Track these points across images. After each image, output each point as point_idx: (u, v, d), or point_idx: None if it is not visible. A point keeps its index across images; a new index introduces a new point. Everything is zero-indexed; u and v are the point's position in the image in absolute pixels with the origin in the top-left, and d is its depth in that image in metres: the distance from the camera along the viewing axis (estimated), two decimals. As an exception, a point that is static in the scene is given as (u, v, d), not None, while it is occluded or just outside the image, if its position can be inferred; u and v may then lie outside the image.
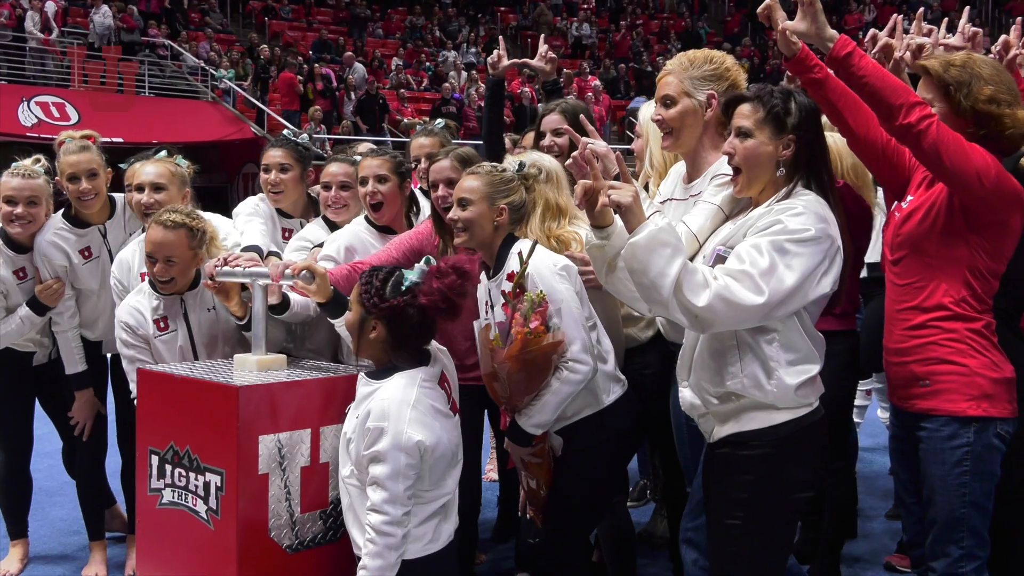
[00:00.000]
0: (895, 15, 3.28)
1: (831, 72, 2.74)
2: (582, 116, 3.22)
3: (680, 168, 3.15)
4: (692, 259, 2.62)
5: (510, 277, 2.94)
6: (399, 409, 2.68)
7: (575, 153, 2.78)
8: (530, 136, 4.30)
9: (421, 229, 3.50)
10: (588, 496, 3.10)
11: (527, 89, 19.45)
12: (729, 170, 2.67)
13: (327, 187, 3.72)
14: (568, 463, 3.05)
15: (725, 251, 2.53)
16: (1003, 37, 3.22)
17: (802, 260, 2.40)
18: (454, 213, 3.04)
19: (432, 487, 2.75)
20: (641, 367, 3.40)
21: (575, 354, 2.90)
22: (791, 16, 2.71)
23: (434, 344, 2.93)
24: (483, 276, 3.09)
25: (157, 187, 3.67)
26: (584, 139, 2.77)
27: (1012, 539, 2.92)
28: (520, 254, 2.93)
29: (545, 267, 2.94)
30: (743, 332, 2.48)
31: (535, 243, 3.01)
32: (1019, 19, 3.28)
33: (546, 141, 3.73)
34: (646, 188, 3.44)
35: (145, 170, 3.73)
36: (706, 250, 2.65)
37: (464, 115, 17.99)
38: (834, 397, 2.64)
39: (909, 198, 2.95)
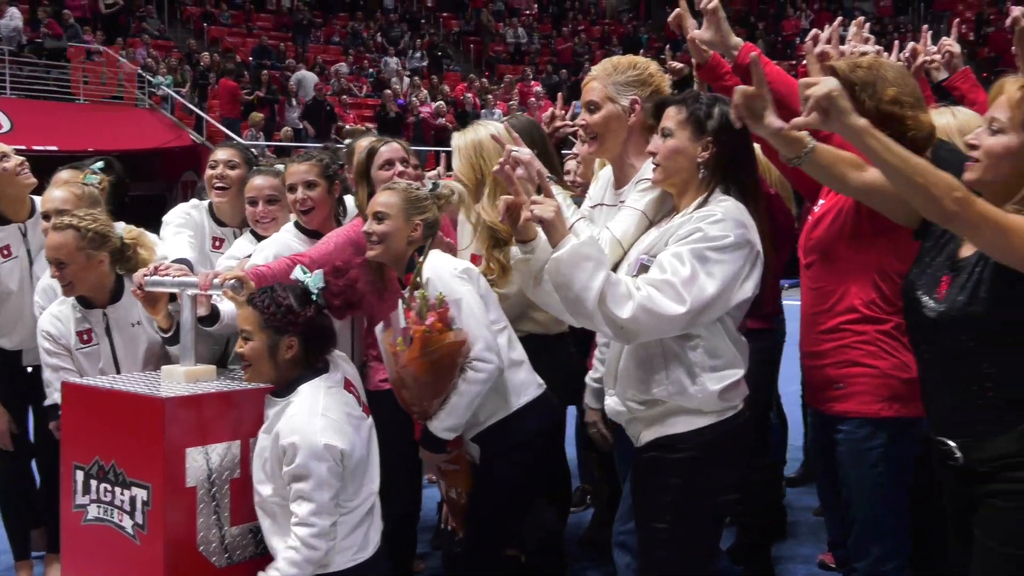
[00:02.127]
0: (836, 21, 3.34)
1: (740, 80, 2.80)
2: (504, 124, 3.24)
3: (609, 173, 3.19)
4: (617, 266, 2.67)
5: (406, 280, 2.98)
6: (309, 420, 2.73)
7: (500, 160, 2.81)
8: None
9: (356, 223, 3.49)
10: (508, 501, 3.12)
11: (469, 95, 19.49)
12: (652, 175, 2.71)
13: (253, 202, 3.69)
14: (485, 469, 3.08)
15: (648, 260, 2.57)
16: (911, 44, 3.31)
17: (723, 267, 2.45)
18: (369, 226, 3.07)
19: (354, 495, 2.78)
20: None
21: (479, 353, 2.93)
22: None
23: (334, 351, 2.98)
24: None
25: (61, 213, 3.56)
26: (508, 147, 2.79)
27: (928, 537, 2.99)
28: (415, 255, 3.00)
29: (444, 270, 3.00)
30: (668, 340, 2.52)
31: (430, 245, 3.06)
32: (925, 27, 3.38)
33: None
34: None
35: (52, 195, 3.67)
36: (630, 258, 2.69)
37: (406, 121, 17.94)
38: (753, 396, 2.70)
39: (821, 202, 3.03)
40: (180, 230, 3.69)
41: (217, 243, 3.83)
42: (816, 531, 4.56)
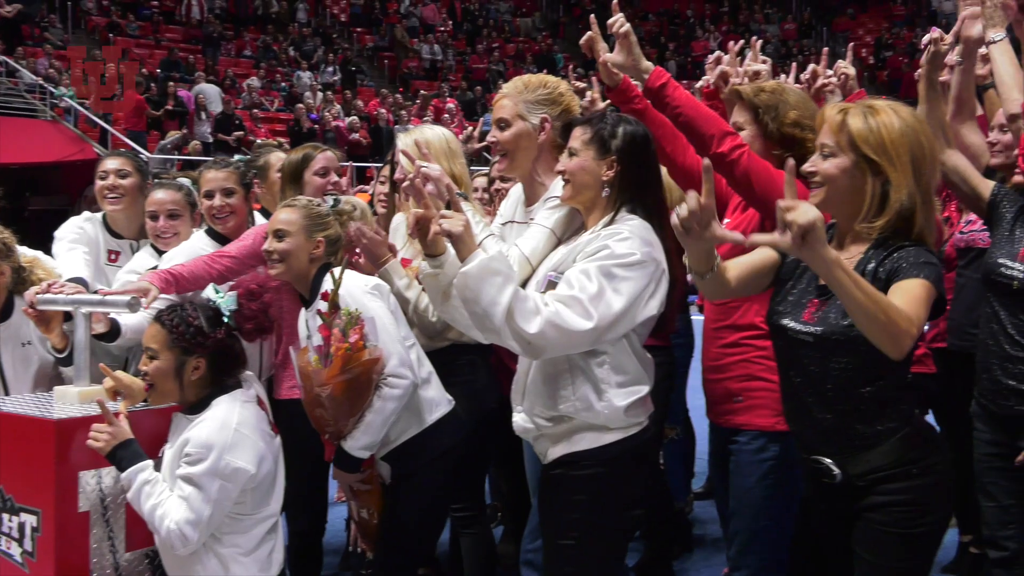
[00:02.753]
0: (737, 44, 3.41)
1: (650, 103, 2.85)
2: (416, 139, 3.23)
3: (519, 190, 3.19)
4: (525, 283, 2.67)
5: (324, 296, 2.94)
6: (221, 434, 2.68)
7: (410, 175, 2.79)
8: (388, 168, 4.27)
9: (260, 231, 3.43)
10: (420, 520, 3.09)
11: (383, 111, 19.40)
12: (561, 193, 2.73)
13: (154, 217, 3.61)
14: (397, 487, 3.05)
15: (556, 276, 2.58)
16: (811, 66, 3.41)
17: (629, 284, 2.47)
18: (269, 244, 3.03)
19: (254, 509, 2.74)
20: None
21: (393, 369, 2.92)
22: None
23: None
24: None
25: None
26: (418, 162, 2.78)
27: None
28: (332, 273, 2.95)
29: (356, 287, 2.97)
30: (575, 356, 2.53)
31: (346, 264, 3.01)
32: (825, 49, 3.48)
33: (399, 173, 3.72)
34: None
35: None
36: (538, 275, 2.69)
37: (319, 136, 17.74)
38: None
39: (726, 220, 3.09)
40: (74, 246, 3.58)
41: (113, 256, 3.73)
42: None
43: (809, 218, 1.91)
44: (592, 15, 3.14)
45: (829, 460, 2.31)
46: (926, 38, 3.29)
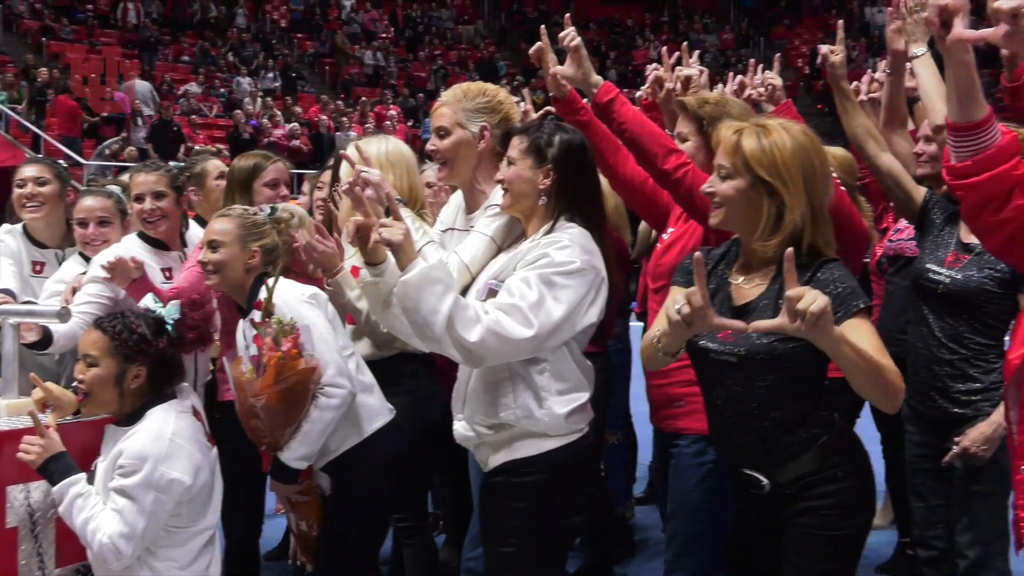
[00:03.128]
0: (673, 57, 3.45)
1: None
2: (357, 144, 3.22)
3: (460, 198, 3.19)
4: (465, 291, 2.67)
5: (257, 305, 2.92)
6: (156, 445, 2.64)
7: (350, 180, 2.78)
8: (327, 174, 4.25)
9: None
10: (360, 531, 3.07)
11: (324, 117, 19.27)
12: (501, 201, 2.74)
13: (83, 224, 3.55)
14: (337, 498, 3.02)
15: (496, 285, 2.59)
16: (738, 77, 3.47)
17: (569, 292, 2.48)
18: (204, 255, 2.99)
19: (190, 522, 2.70)
20: None
21: (330, 378, 2.89)
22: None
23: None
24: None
25: None
26: (358, 167, 2.77)
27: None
28: (266, 283, 2.92)
29: (292, 296, 2.95)
30: (515, 363, 2.54)
31: (280, 272, 2.99)
32: (751, 61, 3.55)
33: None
34: None
35: None
36: (478, 283, 2.70)
37: (258, 143, 17.56)
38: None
39: (670, 230, 3.13)
40: None
41: (38, 267, 3.65)
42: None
43: (820, 306, 1.93)
44: (543, 26, 3.18)
45: (758, 473, 2.35)
46: (819, 56, 3.41)
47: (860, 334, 2.14)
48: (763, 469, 2.34)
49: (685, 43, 3.59)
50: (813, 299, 1.93)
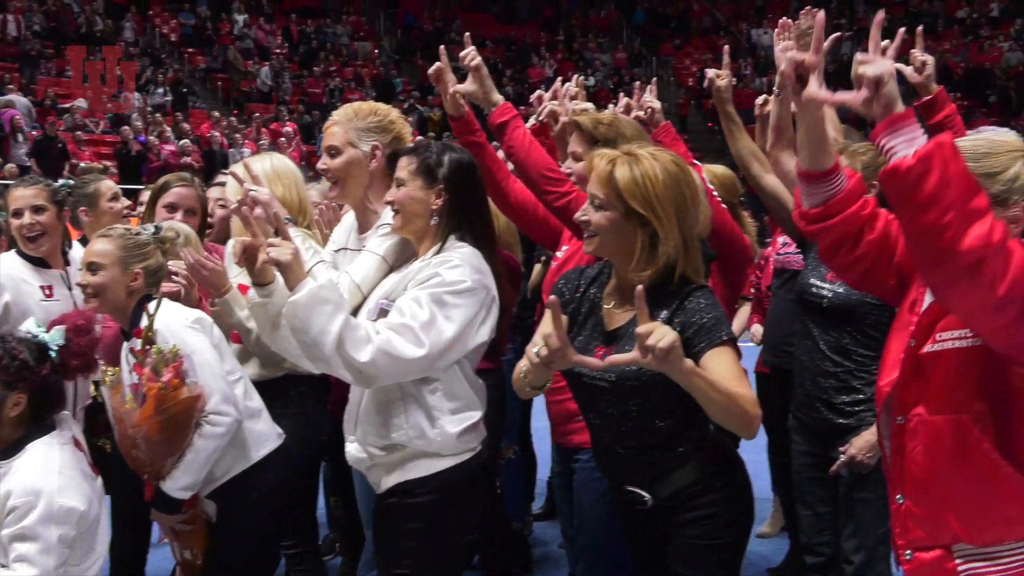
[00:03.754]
0: (565, 84, 3.49)
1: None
2: (245, 161, 3.16)
3: (352, 218, 3.16)
4: (357, 310, 2.65)
5: (137, 333, 2.83)
6: (46, 479, 2.52)
7: (239, 199, 2.73)
8: (216, 190, 4.16)
9: None
10: (248, 559, 3.00)
11: (216, 134, 18.88)
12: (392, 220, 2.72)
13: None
14: (223, 526, 2.94)
15: (387, 304, 2.58)
16: (624, 100, 3.54)
17: (460, 311, 2.49)
18: (83, 278, 2.89)
19: (83, 557, 2.59)
20: None
21: (215, 406, 2.82)
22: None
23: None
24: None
25: None
26: (246, 185, 2.72)
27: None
28: (147, 309, 2.84)
29: (176, 321, 2.86)
30: (407, 384, 2.53)
31: (162, 297, 2.91)
32: (637, 84, 3.62)
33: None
34: None
35: None
36: (369, 303, 2.68)
37: (147, 159, 17.09)
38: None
39: (564, 248, 3.17)
40: None
41: (47, 290, 3.55)
42: (562, 564, 4.68)
43: (668, 342, 1.98)
44: (442, 47, 3.18)
45: (640, 489, 2.39)
46: (706, 80, 3.51)
47: (720, 363, 2.19)
48: (644, 485, 2.39)
49: (579, 76, 3.64)
50: (662, 335, 1.98)
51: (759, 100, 3.87)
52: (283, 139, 18.61)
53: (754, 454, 5.02)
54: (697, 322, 2.23)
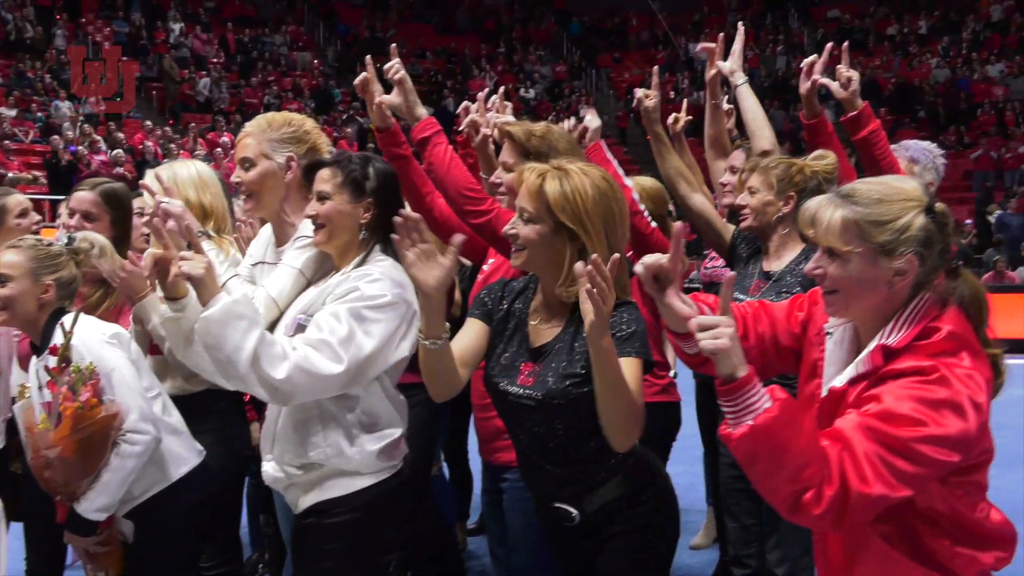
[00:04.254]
0: (491, 98, 3.48)
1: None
2: (156, 172, 3.07)
3: (269, 231, 3.10)
4: (274, 326, 2.59)
5: (53, 351, 2.74)
6: None
7: (150, 210, 2.66)
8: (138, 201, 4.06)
9: None
10: None
11: (150, 143, 18.57)
12: (311, 233, 2.66)
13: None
14: (142, 546, 2.85)
15: (305, 319, 2.53)
16: (564, 122, 3.54)
17: (380, 326, 2.44)
18: None
19: None
20: None
21: (133, 424, 2.73)
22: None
23: None
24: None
25: None
26: (158, 197, 2.65)
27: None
28: (62, 325, 2.74)
29: (92, 336, 2.78)
30: (325, 401, 2.48)
31: (79, 312, 2.82)
32: (583, 108, 3.62)
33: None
34: None
35: None
36: (287, 318, 2.62)
37: (78, 170, 16.72)
38: (416, 449, 2.72)
39: (491, 260, 3.15)
40: None
41: None
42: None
43: (602, 318, 2.02)
44: (368, 56, 3.14)
45: (567, 505, 2.38)
46: (635, 100, 3.54)
47: (625, 373, 2.19)
48: (571, 500, 2.37)
49: (501, 89, 3.63)
50: (598, 314, 2.01)
51: (670, 119, 3.92)
52: (219, 150, 18.34)
53: (689, 465, 5.08)
54: (615, 333, 2.23)
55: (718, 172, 3.71)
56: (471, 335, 2.45)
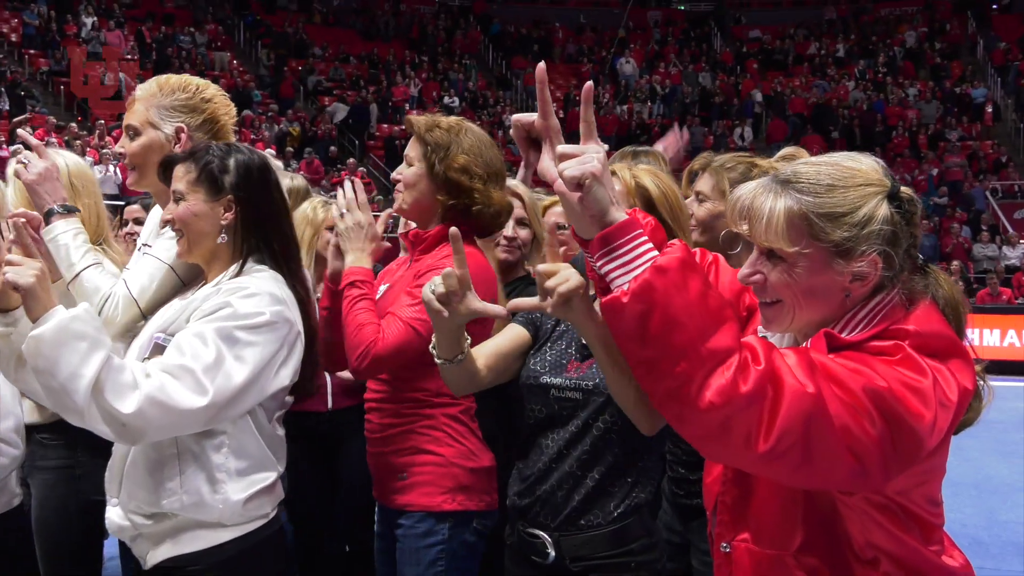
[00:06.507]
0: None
1: None
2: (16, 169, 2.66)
3: (159, 212, 2.66)
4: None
5: None
6: None
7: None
8: None
9: None
10: None
11: (54, 139, 17.71)
12: None
13: None
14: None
15: (165, 339, 2.13)
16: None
17: (255, 350, 2.06)
18: None
19: None
20: None
21: (4, 434, 2.41)
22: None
23: None
24: None
25: None
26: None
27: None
28: None
29: None
30: (185, 438, 2.08)
31: None
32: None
33: None
34: None
35: None
36: (142, 336, 2.22)
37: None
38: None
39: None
40: None
41: None
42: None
43: (572, 287, 1.72)
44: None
45: (546, 536, 2.17)
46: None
47: None
48: (557, 530, 2.16)
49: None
50: (564, 279, 1.72)
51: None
52: (128, 148, 17.60)
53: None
54: None
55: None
56: (509, 340, 2.27)
